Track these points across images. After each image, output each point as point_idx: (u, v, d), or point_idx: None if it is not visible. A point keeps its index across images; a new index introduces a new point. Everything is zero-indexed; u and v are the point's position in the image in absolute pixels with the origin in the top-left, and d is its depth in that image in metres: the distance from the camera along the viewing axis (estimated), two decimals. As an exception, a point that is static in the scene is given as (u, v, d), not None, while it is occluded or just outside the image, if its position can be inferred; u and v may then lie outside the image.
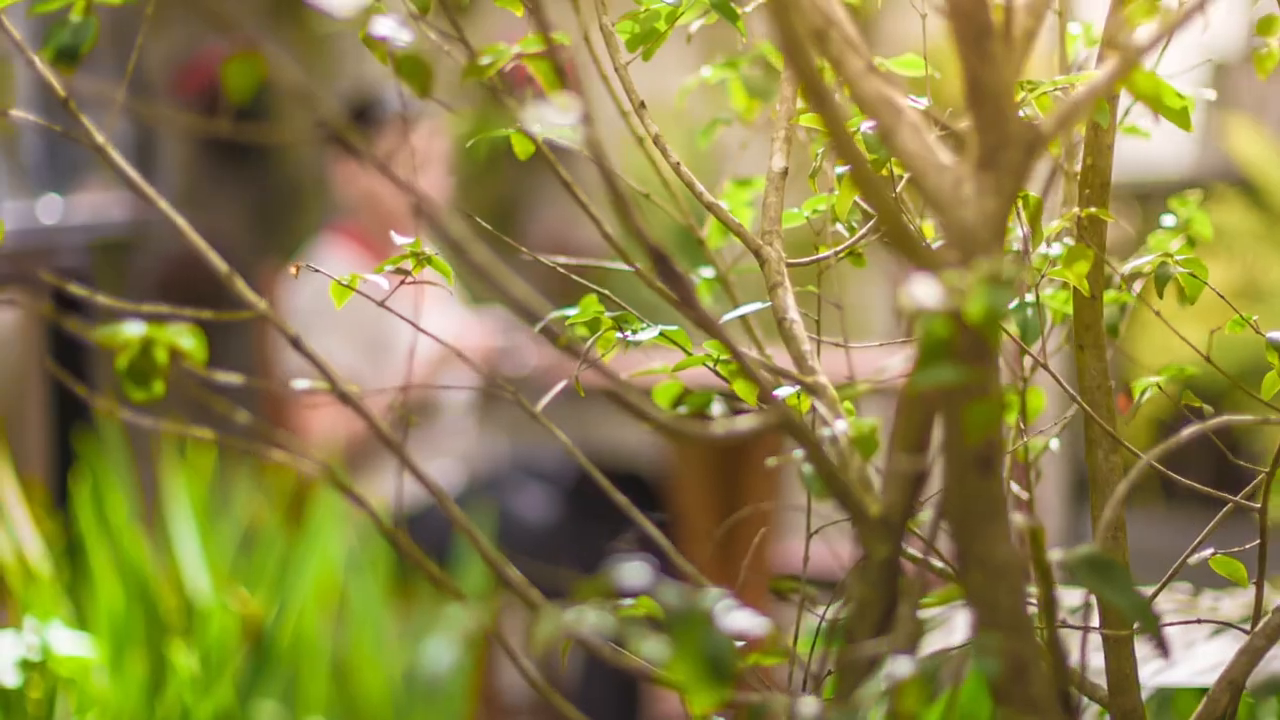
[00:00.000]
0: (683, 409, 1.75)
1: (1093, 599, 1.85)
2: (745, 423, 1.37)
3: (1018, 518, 1.34)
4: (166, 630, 3.19)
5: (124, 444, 3.39)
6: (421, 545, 4.29)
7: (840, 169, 1.76)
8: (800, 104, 1.69)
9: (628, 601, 1.44)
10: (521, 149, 1.73)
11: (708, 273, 1.92)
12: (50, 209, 3.58)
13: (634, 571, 1.18)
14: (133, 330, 1.35)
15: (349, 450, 4.22)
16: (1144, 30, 1.31)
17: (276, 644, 3.23)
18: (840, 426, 1.43)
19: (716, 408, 1.75)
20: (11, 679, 2.80)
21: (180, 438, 3.31)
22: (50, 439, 3.75)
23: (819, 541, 1.76)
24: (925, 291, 1.23)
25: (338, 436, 4.21)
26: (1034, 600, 1.37)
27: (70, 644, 2.84)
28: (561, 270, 1.73)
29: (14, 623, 3.01)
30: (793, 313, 1.55)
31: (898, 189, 1.66)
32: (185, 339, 1.38)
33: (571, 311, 1.73)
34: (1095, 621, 1.67)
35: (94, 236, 3.57)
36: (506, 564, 1.50)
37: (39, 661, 2.84)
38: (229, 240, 5.17)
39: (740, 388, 1.56)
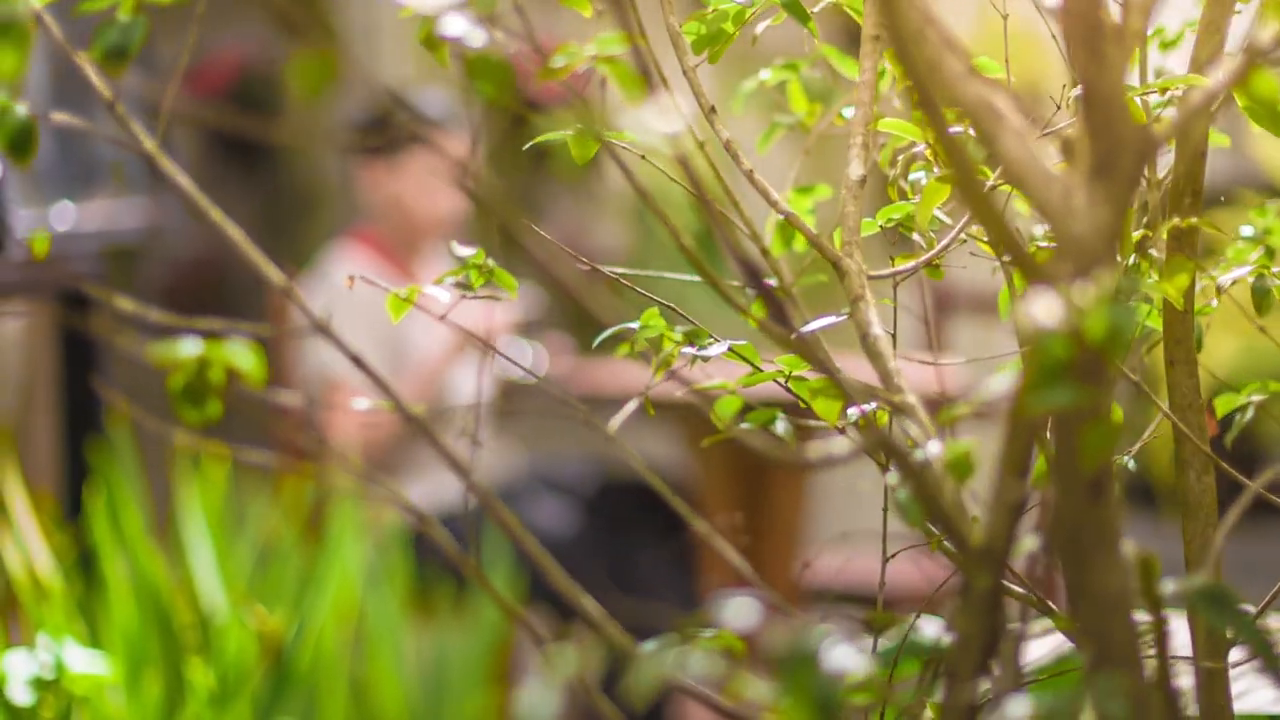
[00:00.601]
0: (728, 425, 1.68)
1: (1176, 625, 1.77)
2: (842, 447, 1.29)
3: (1128, 546, 1.27)
4: (183, 648, 3.11)
5: (136, 455, 3.31)
6: (437, 558, 4.20)
7: (915, 175, 1.69)
8: (877, 110, 1.61)
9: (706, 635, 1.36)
10: (580, 154, 1.66)
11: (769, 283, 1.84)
12: (63, 216, 3.51)
13: (737, 608, 1.10)
14: (190, 349, 1.27)
15: (366, 458, 4.14)
16: (1269, 31, 1.23)
17: (296, 662, 3.15)
18: (933, 449, 1.35)
19: (781, 425, 1.68)
20: (24, 697, 2.72)
21: (194, 449, 3.23)
22: (60, 450, 3.67)
23: (851, 557, 1.68)
24: (1045, 309, 1.15)
25: (356, 444, 4.13)
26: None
27: (84, 662, 2.76)
28: (625, 283, 1.65)
29: (26, 640, 2.92)
30: (877, 328, 1.47)
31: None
32: (244, 358, 1.30)
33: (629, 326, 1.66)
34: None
35: (107, 244, 3.50)
36: (581, 595, 1.42)
37: (52, 680, 2.77)
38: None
39: (821, 406, 1.48)
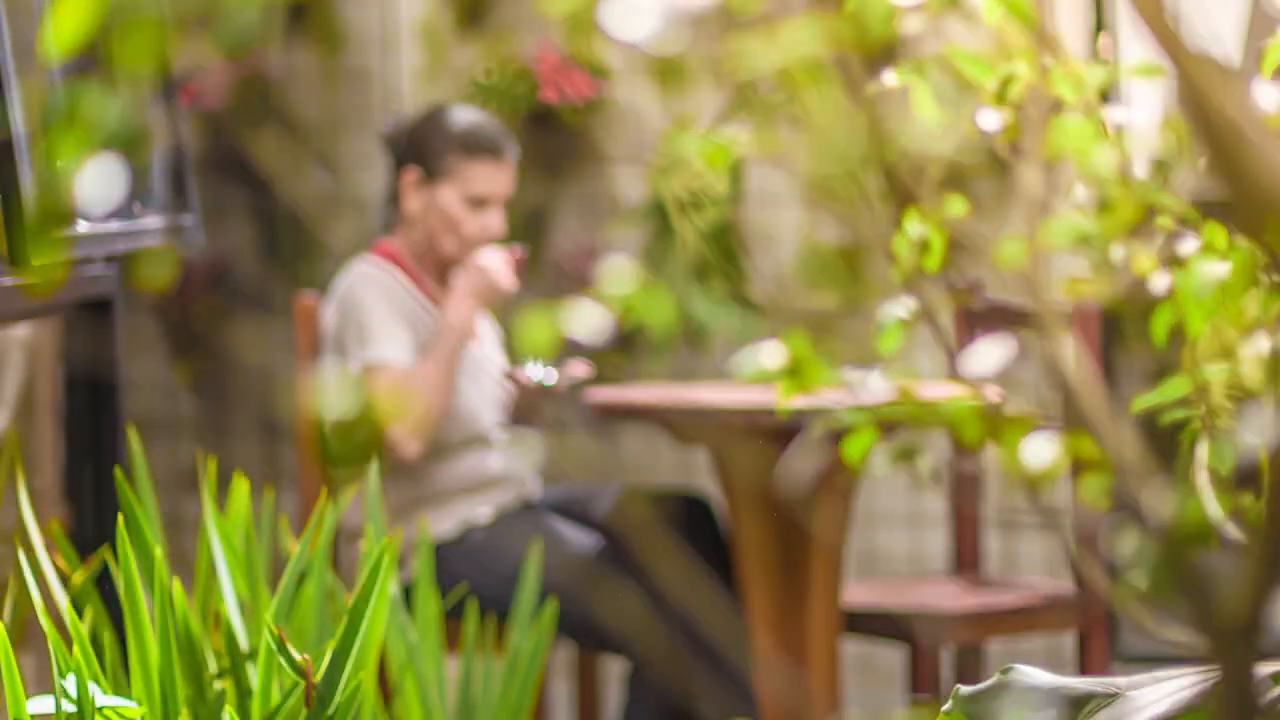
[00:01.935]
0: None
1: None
2: (1082, 508, 1.14)
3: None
4: (214, 687, 2.99)
5: (150, 483, 3.19)
6: (454, 577, 4.09)
7: (1079, 192, 1.54)
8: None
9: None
10: (714, 161, 1.54)
11: (899, 310, 1.69)
12: (80, 224, 3.36)
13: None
14: (347, 405, 1.10)
15: (422, 428, 4.08)
16: None
17: (331, 699, 3.02)
18: (1165, 507, 1.19)
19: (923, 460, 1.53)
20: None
21: (214, 475, 3.11)
22: (65, 474, 3.53)
23: (873, 581, 1.53)
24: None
25: (412, 412, 4.05)
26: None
27: (111, 704, 2.65)
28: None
29: (50, 681, 2.80)
30: (1073, 363, 1.31)
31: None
32: (400, 403, 1.13)
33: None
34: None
35: (121, 253, 3.35)
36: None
37: (78, 713, 2.67)
38: (245, 258, 5.01)
39: (1008, 443, 1.32)
